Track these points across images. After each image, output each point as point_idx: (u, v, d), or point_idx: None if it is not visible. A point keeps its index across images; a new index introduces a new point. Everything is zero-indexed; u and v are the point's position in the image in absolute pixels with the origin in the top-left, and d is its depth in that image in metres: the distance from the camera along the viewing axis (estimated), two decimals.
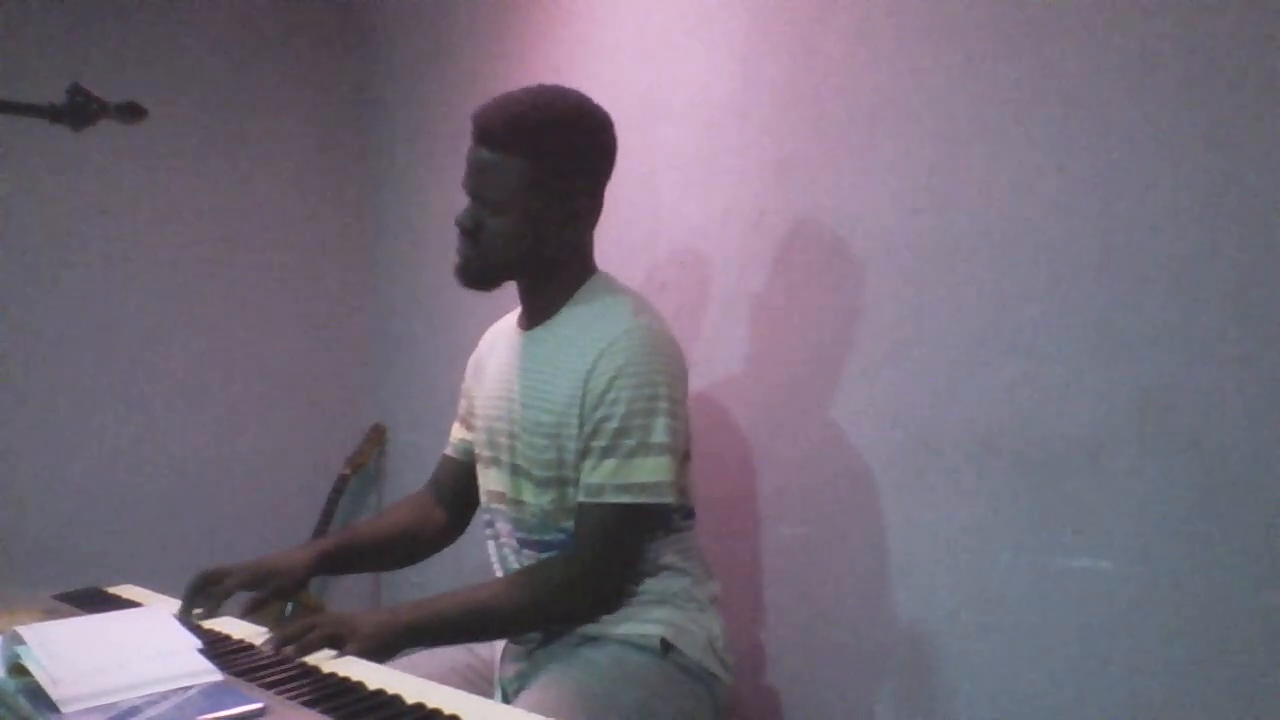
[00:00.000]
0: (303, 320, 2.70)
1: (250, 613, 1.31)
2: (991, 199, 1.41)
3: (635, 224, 1.96)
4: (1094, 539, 1.31)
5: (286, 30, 2.66)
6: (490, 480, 1.46)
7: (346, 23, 2.77)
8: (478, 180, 1.34)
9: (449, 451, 1.60)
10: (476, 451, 1.50)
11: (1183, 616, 1.23)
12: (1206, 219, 1.21)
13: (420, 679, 1.02)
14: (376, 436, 2.73)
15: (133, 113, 1.37)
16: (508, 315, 1.56)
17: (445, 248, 1.40)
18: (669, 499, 1.32)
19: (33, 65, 2.24)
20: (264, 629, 1.23)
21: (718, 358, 1.81)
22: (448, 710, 0.91)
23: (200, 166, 2.51)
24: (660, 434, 1.31)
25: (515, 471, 1.41)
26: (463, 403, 1.58)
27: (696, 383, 1.82)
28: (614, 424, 1.30)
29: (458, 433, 1.59)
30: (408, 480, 2.67)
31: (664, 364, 1.33)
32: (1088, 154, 1.31)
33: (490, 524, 1.49)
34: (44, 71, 2.23)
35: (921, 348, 1.50)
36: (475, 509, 1.57)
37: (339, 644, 1.16)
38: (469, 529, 1.63)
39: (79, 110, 1.34)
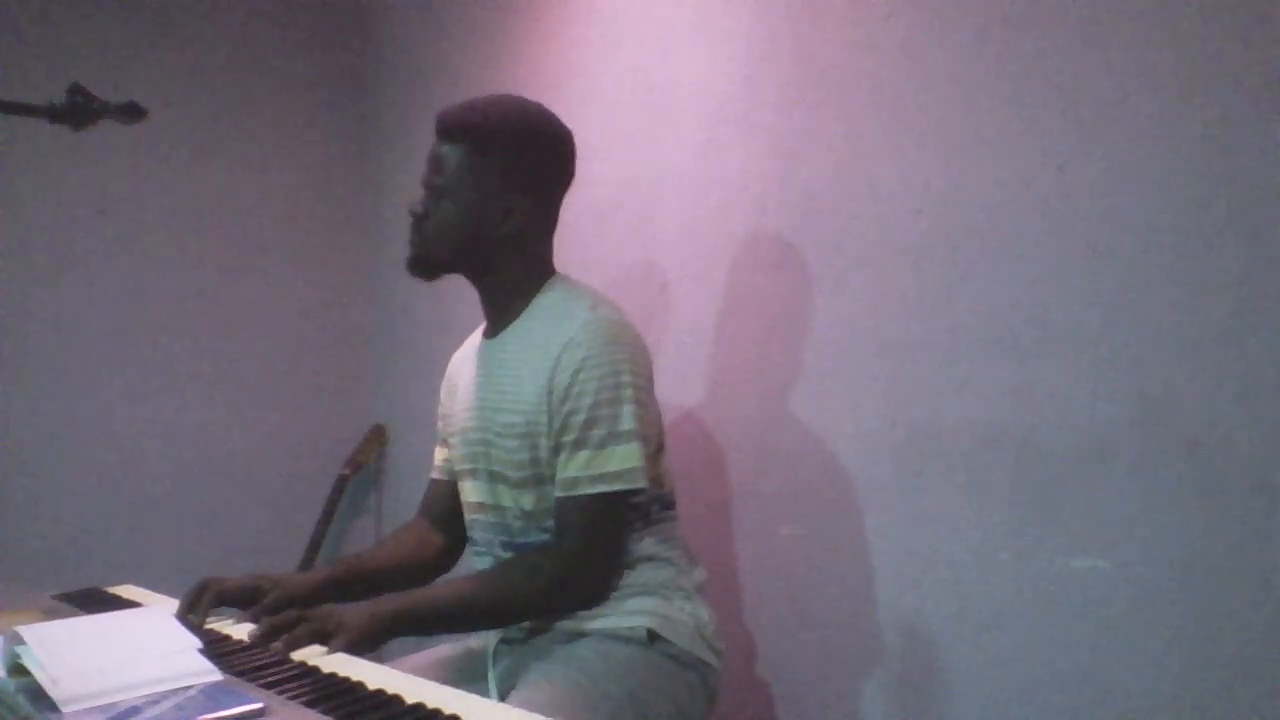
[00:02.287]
0: (303, 321, 2.70)
1: (256, 618, 1.31)
2: (991, 199, 1.41)
3: (635, 223, 1.96)
4: (1094, 539, 1.31)
5: (286, 30, 2.66)
6: (469, 492, 1.48)
7: (346, 22, 2.78)
8: (428, 170, 1.41)
9: (435, 474, 1.61)
10: (456, 467, 1.51)
11: (1183, 616, 1.23)
12: (1206, 219, 1.21)
13: (420, 679, 1.02)
14: (377, 437, 2.73)
15: (133, 113, 1.37)
16: (473, 334, 1.57)
17: None
18: (642, 484, 1.33)
19: (33, 65, 2.24)
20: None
21: (718, 357, 1.81)
22: (448, 710, 0.91)
23: (200, 166, 2.51)
24: (628, 421, 1.32)
25: (492, 478, 1.42)
26: (440, 424, 1.60)
27: (696, 383, 1.83)
28: (582, 416, 1.32)
29: (440, 454, 1.60)
30: (408, 481, 2.67)
31: (627, 353, 1.35)
32: (1088, 154, 1.31)
33: (473, 540, 1.49)
34: (44, 71, 2.23)
35: (921, 348, 1.50)
36: None
37: (325, 639, 1.16)
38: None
39: (79, 110, 1.34)
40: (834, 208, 1.61)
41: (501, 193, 1.38)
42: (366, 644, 1.19)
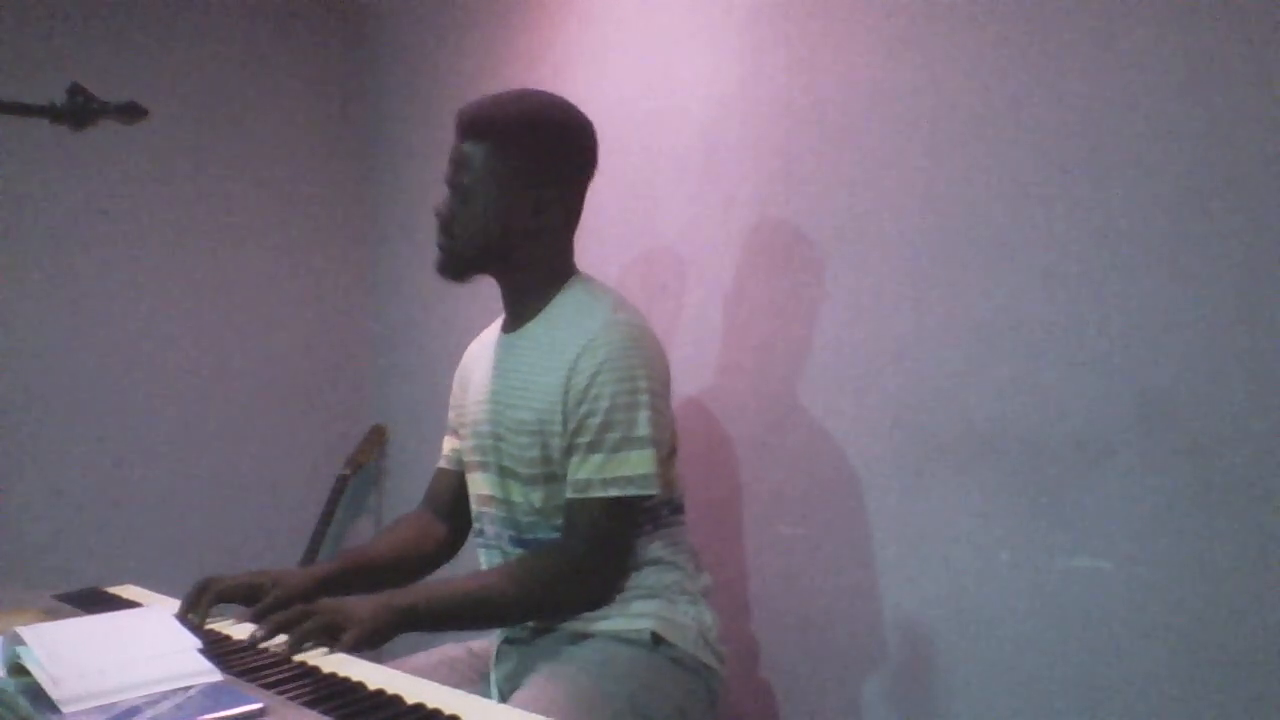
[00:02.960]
0: (303, 320, 2.70)
1: (256, 617, 1.30)
2: (991, 199, 1.42)
3: (635, 224, 1.96)
4: (1094, 539, 1.31)
5: (286, 30, 2.66)
6: (479, 484, 1.47)
7: (346, 23, 2.78)
8: (452, 170, 1.40)
9: (442, 464, 1.61)
10: (465, 459, 1.51)
11: (1183, 616, 1.23)
12: (1207, 219, 1.21)
13: (420, 679, 1.02)
14: (377, 437, 2.73)
15: (133, 113, 1.37)
16: (491, 325, 1.57)
17: None
18: (654, 490, 1.33)
19: (33, 65, 2.23)
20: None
21: (718, 357, 1.81)
22: (448, 710, 0.91)
23: (200, 166, 2.51)
24: (643, 427, 1.32)
25: (503, 473, 1.42)
26: (451, 415, 1.59)
27: (696, 383, 1.83)
28: (598, 419, 1.32)
29: (449, 444, 1.60)
30: (408, 481, 2.67)
31: (644, 358, 1.35)
32: (1088, 154, 1.31)
33: (480, 531, 1.49)
34: (44, 71, 2.23)
35: (921, 348, 1.50)
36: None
37: (334, 634, 1.16)
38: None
39: (79, 110, 1.34)
40: (834, 207, 1.61)
41: (528, 188, 1.38)
42: (375, 640, 1.19)
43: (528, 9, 2.24)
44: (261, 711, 0.91)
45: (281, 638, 1.16)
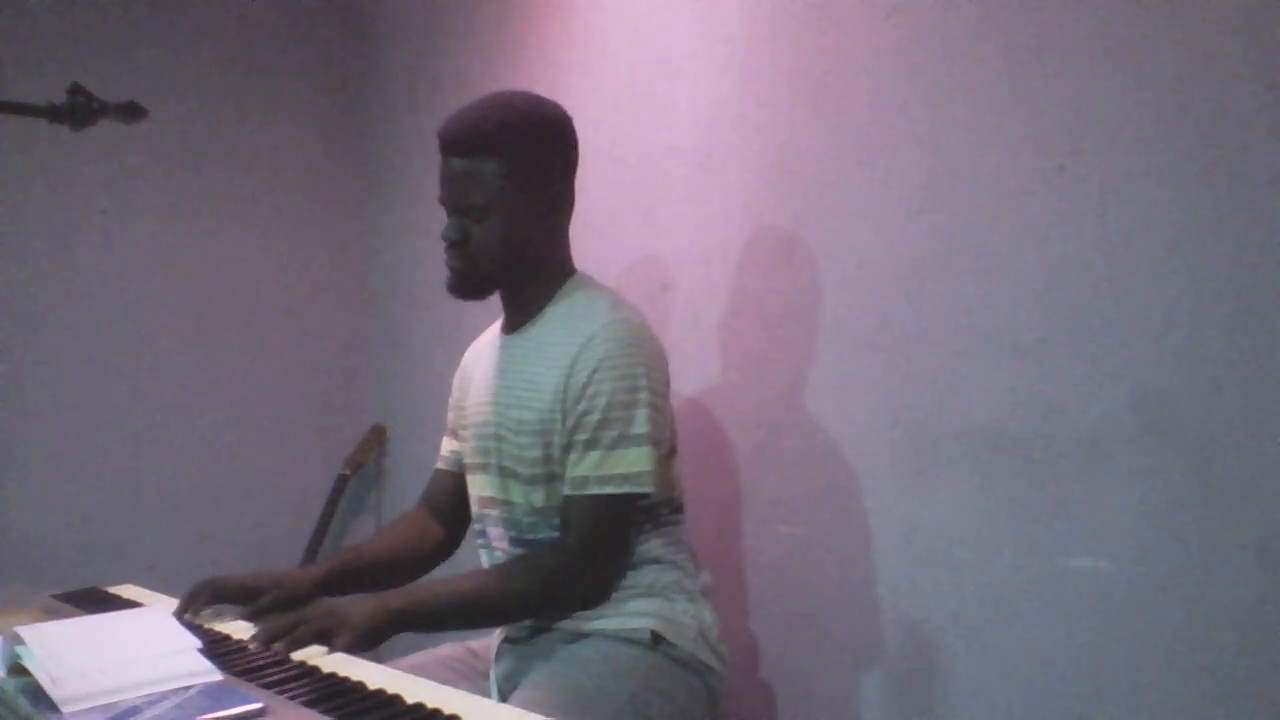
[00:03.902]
0: (303, 321, 2.70)
1: (252, 617, 1.31)
2: (991, 199, 1.42)
3: (635, 224, 1.96)
4: (1094, 539, 1.31)
5: (286, 30, 2.66)
6: (479, 486, 1.48)
7: (346, 23, 2.78)
8: (455, 191, 1.36)
9: (440, 465, 1.61)
10: (466, 460, 1.51)
11: (1183, 616, 1.23)
12: (1206, 218, 1.21)
13: (420, 679, 1.02)
14: (377, 437, 2.73)
15: (133, 113, 1.37)
16: (490, 327, 1.57)
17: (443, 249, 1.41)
18: (650, 489, 1.33)
19: (33, 65, 2.23)
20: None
21: (718, 357, 1.81)
22: (448, 710, 0.91)
23: (200, 166, 2.51)
24: (641, 425, 1.32)
25: (503, 473, 1.42)
26: (451, 415, 1.60)
27: (696, 382, 1.83)
28: (595, 416, 1.32)
29: (448, 445, 1.60)
30: (408, 481, 2.67)
31: (643, 356, 1.35)
32: (1088, 154, 1.31)
33: (482, 533, 1.49)
34: (44, 71, 2.23)
35: (921, 348, 1.50)
36: (470, 520, 1.58)
37: (328, 638, 1.16)
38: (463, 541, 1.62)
39: (79, 110, 1.34)
40: (834, 208, 1.61)
41: (541, 194, 1.38)
42: (369, 641, 1.19)
43: (528, 10, 2.24)
44: (261, 711, 0.91)
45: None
